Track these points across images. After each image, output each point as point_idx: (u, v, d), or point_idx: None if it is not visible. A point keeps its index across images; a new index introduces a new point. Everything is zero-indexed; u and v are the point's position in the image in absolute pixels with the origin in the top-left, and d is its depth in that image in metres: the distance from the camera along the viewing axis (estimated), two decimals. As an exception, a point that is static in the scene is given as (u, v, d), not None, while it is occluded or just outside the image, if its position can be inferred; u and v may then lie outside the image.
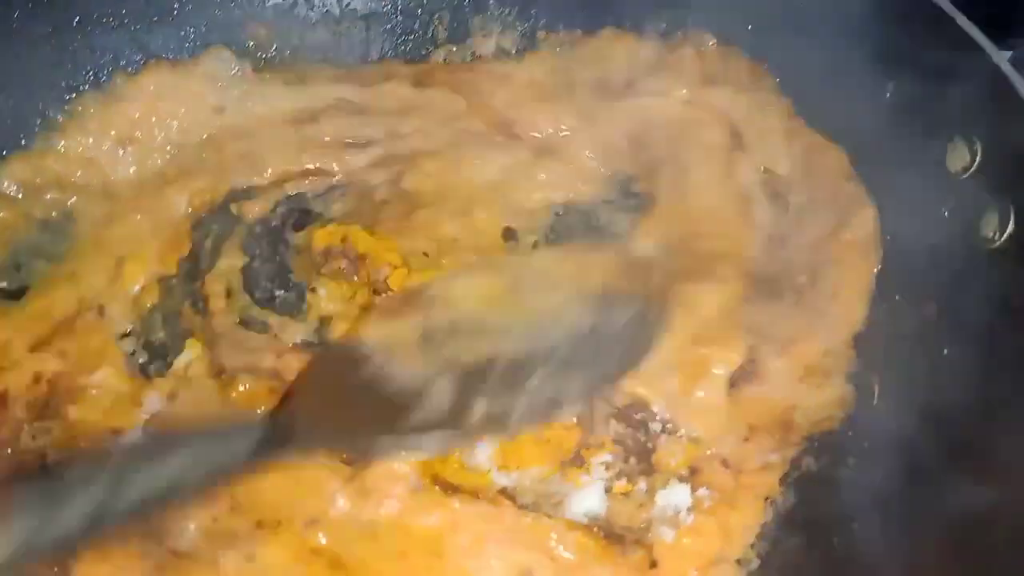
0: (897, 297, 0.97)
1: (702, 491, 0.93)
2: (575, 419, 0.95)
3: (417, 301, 0.83)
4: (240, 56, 1.21)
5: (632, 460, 0.95)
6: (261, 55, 1.25)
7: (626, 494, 0.94)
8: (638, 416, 0.96)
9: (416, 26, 1.29)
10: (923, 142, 0.95)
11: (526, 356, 0.79)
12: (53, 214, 1.10)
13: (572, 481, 0.94)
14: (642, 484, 0.94)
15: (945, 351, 0.89)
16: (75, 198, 1.10)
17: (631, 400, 0.96)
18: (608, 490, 0.93)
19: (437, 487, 0.90)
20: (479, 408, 0.75)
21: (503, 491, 0.92)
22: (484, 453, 0.94)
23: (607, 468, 0.95)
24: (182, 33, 1.21)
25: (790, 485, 0.94)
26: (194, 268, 1.09)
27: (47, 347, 0.98)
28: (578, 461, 0.94)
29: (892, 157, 0.99)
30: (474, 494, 0.91)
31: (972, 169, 0.91)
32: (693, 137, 1.13)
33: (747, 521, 0.91)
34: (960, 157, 0.92)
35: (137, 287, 1.05)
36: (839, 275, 1.00)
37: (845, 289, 0.99)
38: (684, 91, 1.16)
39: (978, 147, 0.90)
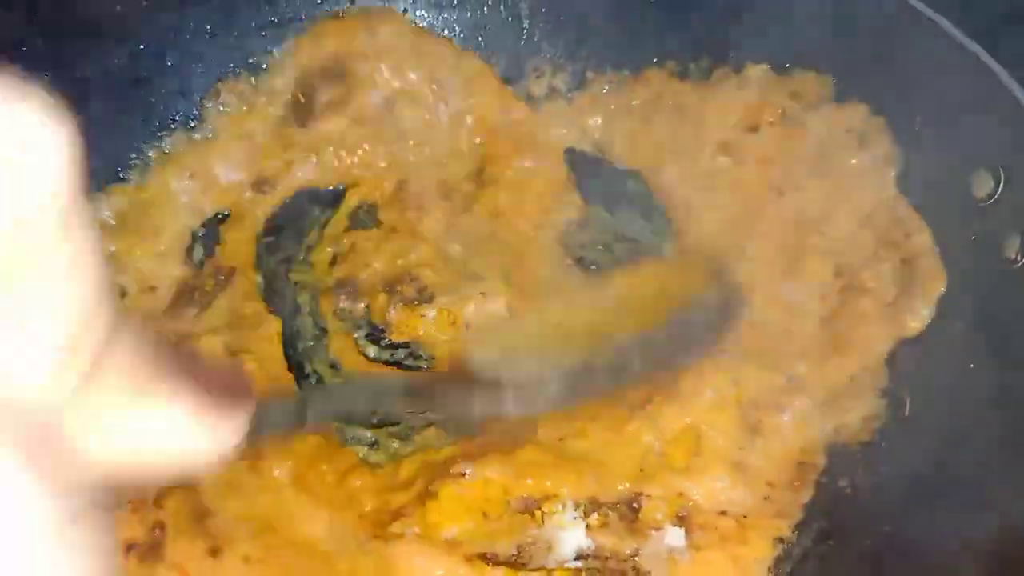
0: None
1: (699, 533, 0.95)
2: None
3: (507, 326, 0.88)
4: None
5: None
6: (332, 96, 1.36)
7: (605, 524, 0.95)
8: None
9: (474, 67, 1.39)
10: (949, 171, 1.01)
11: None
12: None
13: (555, 524, 0.95)
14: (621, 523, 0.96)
15: (971, 365, 0.94)
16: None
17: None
18: (588, 526, 0.95)
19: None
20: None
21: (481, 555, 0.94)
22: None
23: (575, 507, 0.96)
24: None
25: (817, 502, 0.99)
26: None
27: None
28: (531, 508, 0.96)
29: (920, 184, 1.06)
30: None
31: (996, 196, 0.97)
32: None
33: (758, 554, 0.94)
34: (984, 185, 0.98)
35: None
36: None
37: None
38: (723, 159, 1.22)
39: (1001, 175, 0.96)
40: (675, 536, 0.95)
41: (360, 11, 1.31)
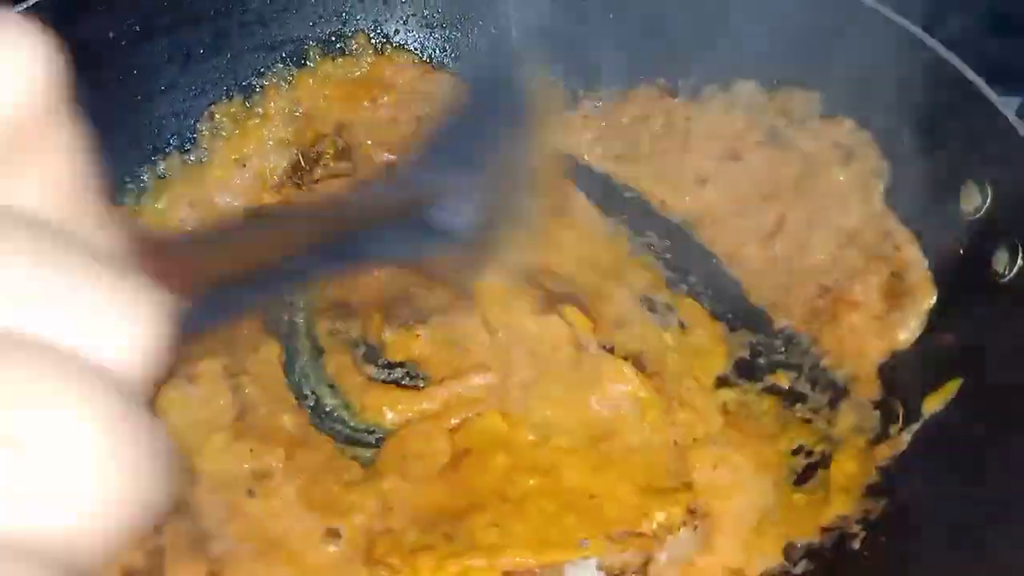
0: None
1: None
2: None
3: None
4: (308, 119, 1.33)
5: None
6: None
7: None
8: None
9: (466, 86, 1.40)
10: (937, 185, 1.03)
11: None
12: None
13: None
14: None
15: (963, 378, 0.95)
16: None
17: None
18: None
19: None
20: None
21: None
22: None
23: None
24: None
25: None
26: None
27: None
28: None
29: (908, 199, 1.08)
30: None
31: (984, 210, 0.98)
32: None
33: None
34: (972, 199, 0.99)
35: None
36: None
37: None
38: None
39: (989, 190, 0.97)
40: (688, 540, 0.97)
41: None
